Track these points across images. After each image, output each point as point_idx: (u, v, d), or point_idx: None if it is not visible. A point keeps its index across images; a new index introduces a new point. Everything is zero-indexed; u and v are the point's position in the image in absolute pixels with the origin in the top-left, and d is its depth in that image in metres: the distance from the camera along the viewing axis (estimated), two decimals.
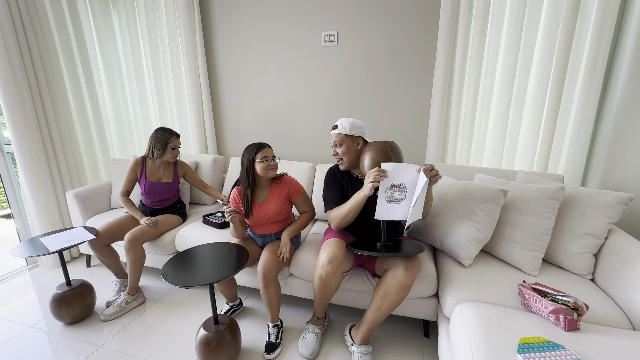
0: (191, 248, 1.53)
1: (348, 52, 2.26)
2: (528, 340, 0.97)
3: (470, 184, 1.55)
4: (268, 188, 1.63)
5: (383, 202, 1.30)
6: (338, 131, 1.46)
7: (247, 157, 1.54)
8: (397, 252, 1.24)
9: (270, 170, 1.54)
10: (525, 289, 1.17)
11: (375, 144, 1.34)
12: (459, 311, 1.17)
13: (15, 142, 2.06)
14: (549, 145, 1.92)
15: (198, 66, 2.52)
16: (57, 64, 2.26)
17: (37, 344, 1.59)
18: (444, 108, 2.06)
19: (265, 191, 1.62)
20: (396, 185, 1.28)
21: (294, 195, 1.65)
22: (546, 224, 1.39)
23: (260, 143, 1.56)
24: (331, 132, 1.50)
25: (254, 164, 1.53)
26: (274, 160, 1.56)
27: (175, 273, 1.30)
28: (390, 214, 1.30)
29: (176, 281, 1.23)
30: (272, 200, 1.61)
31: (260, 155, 1.52)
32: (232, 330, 1.40)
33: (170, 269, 1.33)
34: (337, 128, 1.46)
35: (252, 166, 1.54)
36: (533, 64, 1.88)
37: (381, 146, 1.33)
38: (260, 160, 1.52)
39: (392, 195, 1.29)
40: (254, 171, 1.54)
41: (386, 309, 1.33)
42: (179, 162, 2.10)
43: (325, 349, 1.52)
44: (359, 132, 1.47)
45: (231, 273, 1.29)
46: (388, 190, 1.29)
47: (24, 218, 2.36)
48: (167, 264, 1.36)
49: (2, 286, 2.14)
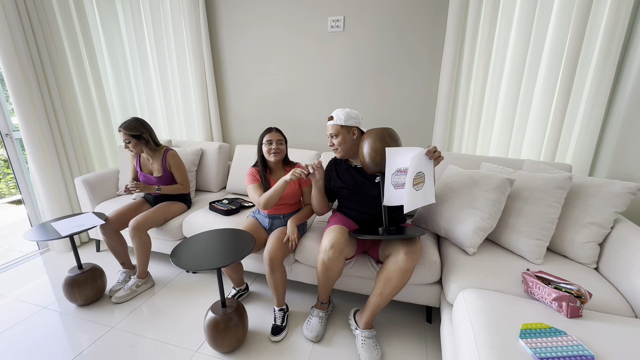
0: (199, 233, 1.56)
1: (355, 38, 2.22)
2: (530, 326, 0.99)
3: (476, 173, 1.55)
4: (282, 172, 1.70)
5: (390, 188, 1.31)
6: (333, 122, 1.48)
7: (260, 139, 1.64)
8: (395, 235, 1.27)
9: (273, 155, 1.59)
10: (528, 277, 1.18)
11: (373, 131, 1.36)
12: (462, 297, 1.19)
13: (24, 128, 2.08)
14: (557, 134, 1.89)
15: (202, 52, 2.50)
16: (62, 51, 2.26)
17: (52, 323, 1.65)
18: (451, 95, 2.03)
19: (279, 175, 1.69)
20: (402, 170, 1.29)
21: (305, 183, 1.70)
22: (552, 213, 1.39)
23: (269, 127, 1.64)
24: (327, 124, 1.52)
25: (261, 146, 1.62)
26: (278, 144, 1.60)
27: (183, 257, 1.33)
28: (398, 199, 1.31)
29: (185, 265, 1.26)
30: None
31: (265, 138, 1.59)
32: (240, 313, 1.44)
33: (179, 254, 1.35)
34: (332, 119, 1.48)
35: (261, 148, 1.63)
36: (544, 51, 1.83)
37: (379, 133, 1.35)
38: (264, 143, 1.59)
39: (398, 180, 1.30)
40: (262, 153, 1.63)
41: (388, 293, 1.36)
42: (168, 154, 1.97)
43: (329, 333, 1.56)
44: (354, 122, 1.47)
45: (238, 258, 1.31)
46: (394, 176, 1.30)
47: (34, 203, 2.41)
48: (176, 249, 1.39)
49: (16, 269, 2.20)
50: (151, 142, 1.91)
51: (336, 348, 1.47)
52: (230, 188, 2.40)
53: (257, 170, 1.67)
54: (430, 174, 1.30)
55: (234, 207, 2.00)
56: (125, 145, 1.87)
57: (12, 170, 2.29)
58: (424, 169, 1.28)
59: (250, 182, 1.64)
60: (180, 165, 2.00)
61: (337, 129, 1.47)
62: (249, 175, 1.66)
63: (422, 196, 1.30)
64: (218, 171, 2.43)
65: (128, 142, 1.86)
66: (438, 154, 1.28)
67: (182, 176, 2.01)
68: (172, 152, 1.99)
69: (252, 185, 1.64)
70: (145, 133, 1.88)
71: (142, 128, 1.87)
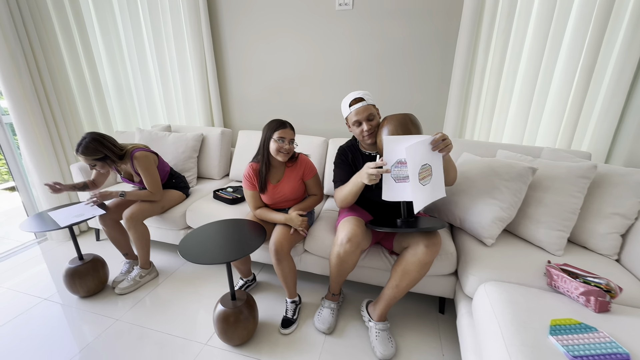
0: (207, 224, 1.49)
1: (364, 17, 2.10)
2: (559, 321, 0.95)
3: (494, 161, 1.49)
4: (283, 168, 1.57)
5: (390, 181, 1.20)
6: (366, 103, 1.32)
7: (266, 132, 1.47)
8: (418, 228, 1.20)
9: (281, 154, 1.45)
10: (553, 270, 1.14)
11: (394, 117, 1.25)
12: (483, 290, 1.15)
13: (14, 112, 1.96)
14: (575, 121, 1.83)
15: (202, 31, 2.36)
16: (52, 29, 2.10)
17: (54, 315, 1.60)
18: (465, 79, 1.94)
19: (279, 171, 1.57)
20: (403, 162, 1.15)
21: (307, 175, 1.59)
22: (574, 203, 1.34)
23: (283, 121, 1.46)
24: (357, 106, 1.32)
25: (269, 141, 1.46)
26: (290, 144, 1.46)
27: (192, 251, 1.26)
28: (399, 194, 1.19)
29: (194, 259, 1.20)
30: (287, 181, 1.56)
31: (277, 134, 1.43)
32: (250, 305, 1.40)
33: (187, 246, 1.29)
34: (362, 100, 1.32)
35: (268, 143, 1.46)
36: (566, 33, 1.73)
37: (400, 119, 1.23)
38: (276, 140, 1.43)
39: (399, 173, 1.17)
40: (268, 148, 1.47)
41: (405, 286, 1.32)
42: (134, 158, 1.70)
43: (341, 324, 1.53)
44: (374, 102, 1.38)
45: (249, 251, 1.25)
46: (394, 168, 1.17)
47: (28, 191, 2.31)
48: (184, 241, 1.33)
49: (14, 259, 2.13)
50: (115, 155, 1.65)
51: (349, 340, 1.44)
52: (234, 175, 2.32)
53: (255, 170, 1.52)
54: (439, 166, 1.20)
55: (239, 196, 1.93)
56: (91, 168, 1.69)
57: (3, 156, 2.18)
58: (430, 161, 1.17)
59: (247, 188, 1.55)
60: (148, 168, 1.73)
61: (372, 110, 1.33)
62: (246, 179, 1.54)
63: (430, 191, 1.19)
64: (220, 158, 2.34)
65: (93, 166, 1.65)
66: (445, 143, 1.14)
67: (151, 181, 1.74)
68: (139, 153, 1.71)
69: (248, 192, 1.56)
70: (107, 152, 1.61)
71: (102, 148, 1.59)
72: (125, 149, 1.72)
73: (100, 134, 1.62)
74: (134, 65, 2.63)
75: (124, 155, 1.69)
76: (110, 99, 2.61)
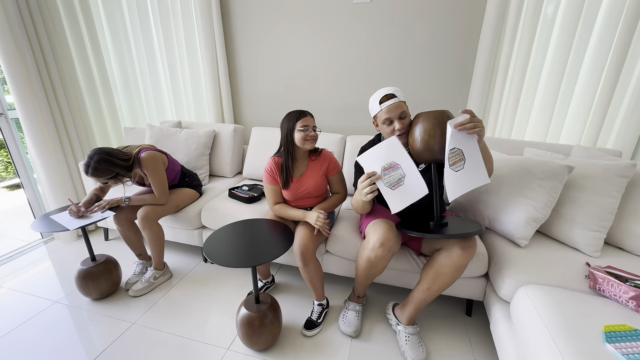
0: (230, 224, 1.43)
1: (383, 10, 2.03)
2: (613, 328, 0.91)
3: (527, 160, 1.44)
4: (306, 162, 1.51)
5: (388, 192, 1.17)
6: (398, 100, 1.25)
7: (287, 125, 1.41)
8: (458, 233, 1.14)
9: (309, 142, 1.41)
10: (597, 272, 1.10)
11: (430, 115, 1.17)
12: (525, 294, 1.10)
13: (20, 106, 1.88)
14: (601, 118, 1.78)
15: (213, 26, 2.28)
16: (59, 23, 2.02)
17: (66, 319, 1.54)
18: (488, 74, 1.89)
19: (303, 165, 1.51)
20: (387, 167, 1.16)
21: (332, 172, 1.54)
22: (611, 203, 1.30)
23: (302, 110, 1.42)
24: (387, 104, 1.24)
25: (293, 132, 1.41)
26: (314, 130, 1.42)
27: (218, 251, 1.20)
28: (405, 198, 1.15)
29: (221, 261, 1.14)
30: (310, 176, 1.49)
31: (300, 123, 1.39)
32: (274, 309, 1.34)
33: (212, 247, 1.23)
34: (393, 97, 1.24)
35: (292, 135, 1.41)
36: (595, 28, 1.68)
37: (437, 116, 1.16)
38: (300, 129, 1.39)
39: (391, 180, 1.16)
40: (292, 140, 1.42)
41: (437, 289, 1.27)
42: (141, 160, 1.60)
43: (366, 327, 1.48)
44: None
45: (278, 253, 1.19)
46: (385, 176, 1.16)
47: (34, 188, 2.23)
48: (209, 242, 1.27)
49: (20, 260, 2.06)
50: (125, 169, 1.56)
51: (376, 344, 1.39)
52: (248, 173, 2.25)
53: (277, 164, 1.48)
54: (472, 150, 1.08)
55: (256, 194, 1.87)
56: (103, 185, 1.67)
57: (8, 152, 2.10)
58: (460, 145, 1.09)
59: (268, 182, 1.50)
60: (155, 169, 1.62)
61: (404, 108, 1.26)
62: (267, 173, 1.49)
63: (466, 178, 1.10)
64: (233, 155, 2.28)
65: (105, 184, 1.60)
66: (471, 125, 1.04)
67: (158, 183, 1.65)
68: (145, 154, 1.61)
69: (269, 187, 1.51)
70: (117, 169, 1.51)
71: (111, 167, 1.49)
72: (132, 154, 1.60)
73: (107, 151, 1.50)
74: (142, 61, 2.55)
75: (132, 163, 1.59)
76: (118, 95, 2.53)
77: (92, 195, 1.69)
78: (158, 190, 1.66)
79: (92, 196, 1.69)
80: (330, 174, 1.54)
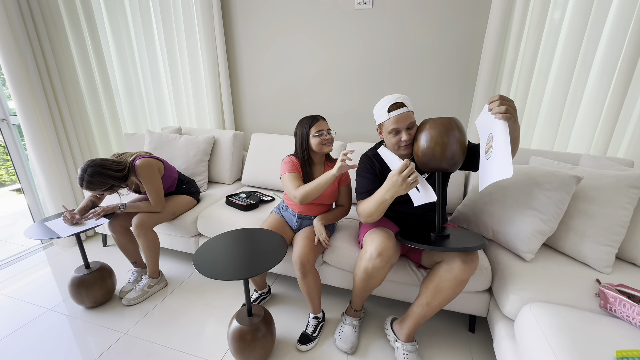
0: (222, 234, 1.40)
1: (384, 16, 2.00)
2: (625, 353, 0.84)
3: (533, 169, 1.37)
4: (322, 167, 1.50)
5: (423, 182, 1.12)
6: (407, 109, 1.18)
7: (301, 131, 1.41)
8: (460, 247, 1.08)
9: (326, 146, 1.41)
10: (608, 291, 1.03)
11: (437, 121, 1.12)
12: (529, 313, 1.03)
13: (21, 112, 1.89)
14: (611, 126, 1.70)
15: (215, 32, 2.28)
16: (62, 29, 2.04)
17: (59, 328, 1.51)
18: (492, 80, 1.83)
19: (319, 170, 1.50)
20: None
21: (344, 181, 1.51)
22: (624, 216, 1.23)
23: (314, 116, 1.42)
24: (396, 113, 1.17)
25: (308, 138, 1.40)
26: (329, 133, 1.41)
27: (208, 263, 1.17)
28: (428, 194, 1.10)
29: (211, 274, 1.10)
30: None
31: (314, 129, 1.38)
32: (267, 322, 1.29)
33: (202, 259, 1.20)
34: (403, 106, 1.18)
35: (307, 141, 1.41)
36: (605, 30, 1.62)
37: (445, 123, 1.10)
38: (315, 135, 1.38)
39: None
40: (309, 146, 1.42)
41: (437, 304, 1.21)
42: (136, 167, 1.57)
43: (363, 343, 1.42)
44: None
45: (270, 265, 1.15)
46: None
47: (34, 193, 2.24)
48: (199, 253, 1.23)
49: (18, 265, 2.05)
50: (120, 179, 1.52)
51: None
52: (247, 180, 2.22)
53: (298, 160, 1.45)
54: (501, 136, 0.96)
55: (253, 202, 1.84)
56: (99, 196, 1.69)
57: (10, 157, 2.12)
58: (492, 129, 1.01)
59: (289, 171, 1.40)
60: (150, 177, 1.60)
61: (413, 118, 1.19)
62: (287, 163, 1.43)
63: (493, 167, 1.00)
64: (232, 162, 2.26)
65: (100, 195, 1.63)
66: (497, 104, 0.96)
67: (153, 191, 1.62)
68: (140, 162, 1.58)
69: (290, 175, 1.39)
70: (111, 181, 1.48)
71: (105, 179, 1.45)
72: (126, 163, 1.56)
73: (100, 163, 1.46)
74: (144, 66, 2.56)
75: (127, 172, 1.55)
76: (120, 100, 2.54)
77: (88, 202, 1.67)
78: (153, 197, 1.63)
79: (88, 202, 1.67)
80: (343, 183, 1.52)
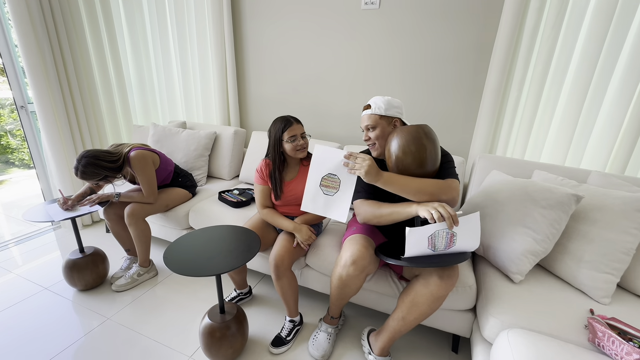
0: (198, 230, 1.40)
1: (391, 18, 1.94)
2: None
3: (530, 184, 1.28)
4: (298, 166, 1.48)
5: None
6: (371, 111, 1.21)
7: (274, 133, 1.37)
8: (435, 262, 1.02)
9: (299, 151, 1.38)
10: (597, 325, 0.93)
11: (405, 129, 1.10)
12: (506, 340, 0.95)
13: (37, 100, 2.00)
14: (632, 142, 1.56)
15: (224, 32, 2.31)
16: (80, 26, 2.14)
17: (49, 307, 1.58)
18: (501, 87, 1.72)
19: (294, 169, 1.47)
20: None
21: None
22: (629, 242, 1.11)
23: (287, 119, 1.37)
24: (363, 113, 1.25)
25: (281, 143, 1.37)
26: (303, 138, 1.37)
27: (177, 259, 1.17)
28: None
29: (177, 269, 1.10)
30: (300, 181, 1.44)
31: (287, 134, 1.34)
32: (239, 321, 1.28)
33: (173, 253, 1.20)
34: (369, 108, 1.22)
35: (280, 145, 1.38)
36: (629, 35, 1.48)
37: (412, 131, 1.08)
38: (288, 141, 1.35)
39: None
40: (282, 150, 1.39)
41: (413, 319, 1.14)
42: (130, 159, 1.60)
43: (338, 351, 1.38)
44: (396, 112, 1.22)
45: (239, 263, 1.14)
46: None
47: (47, 178, 2.37)
48: (171, 247, 1.24)
49: (28, 243, 2.18)
50: (114, 170, 1.56)
51: None
52: (244, 177, 2.24)
53: (269, 166, 1.44)
54: (349, 186, 1.13)
55: (244, 199, 1.84)
56: (95, 186, 1.74)
57: (26, 143, 2.25)
58: (342, 176, 1.14)
59: (258, 183, 1.46)
60: (144, 169, 1.63)
61: (376, 120, 1.21)
62: (258, 174, 1.45)
63: (328, 205, 1.16)
64: (232, 158, 2.28)
65: (96, 184, 1.68)
66: (352, 164, 1.07)
67: (146, 182, 1.65)
68: (134, 153, 1.61)
69: (258, 187, 1.46)
70: (104, 172, 1.52)
71: (99, 170, 1.49)
72: (122, 154, 1.60)
73: (94, 154, 1.50)
74: (157, 62, 2.65)
75: (122, 163, 1.59)
76: (133, 94, 2.64)
77: (86, 189, 1.74)
78: (146, 189, 1.67)
79: (86, 189, 1.74)
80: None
